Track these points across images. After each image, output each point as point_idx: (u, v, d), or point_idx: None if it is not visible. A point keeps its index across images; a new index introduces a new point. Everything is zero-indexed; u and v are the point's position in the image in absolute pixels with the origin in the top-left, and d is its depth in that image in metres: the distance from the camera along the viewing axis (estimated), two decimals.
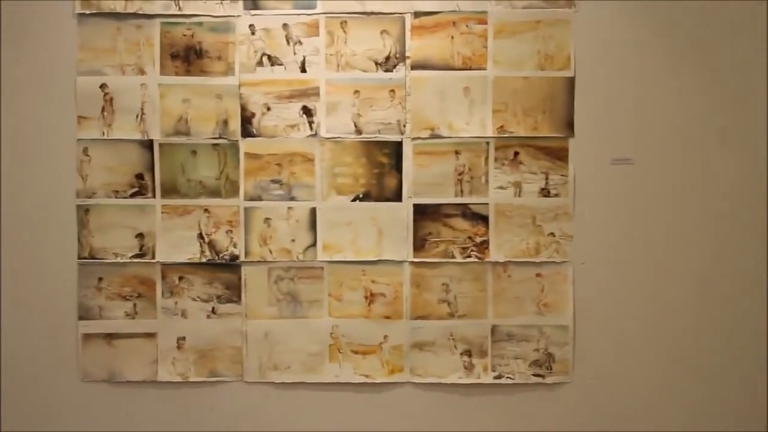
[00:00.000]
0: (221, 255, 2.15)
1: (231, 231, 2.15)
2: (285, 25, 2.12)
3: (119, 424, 2.17)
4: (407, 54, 2.12)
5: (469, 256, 2.14)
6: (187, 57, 2.13)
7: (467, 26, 2.12)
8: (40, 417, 2.17)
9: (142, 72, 2.13)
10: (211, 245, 2.15)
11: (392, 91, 2.13)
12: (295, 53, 2.13)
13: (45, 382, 2.17)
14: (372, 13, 2.12)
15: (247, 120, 2.13)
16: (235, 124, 2.13)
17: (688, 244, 2.14)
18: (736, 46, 2.12)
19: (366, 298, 2.15)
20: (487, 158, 2.13)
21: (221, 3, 2.12)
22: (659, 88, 2.13)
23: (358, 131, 2.13)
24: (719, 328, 2.15)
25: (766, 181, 2.12)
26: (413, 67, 2.12)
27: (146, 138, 2.14)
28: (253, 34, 2.13)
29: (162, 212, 2.15)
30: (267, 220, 2.14)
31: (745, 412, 2.15)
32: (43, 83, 2.13)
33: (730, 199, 2.14)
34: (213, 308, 2.15)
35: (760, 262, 2.14)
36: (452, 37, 2.12)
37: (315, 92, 2.13)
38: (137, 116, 2.13)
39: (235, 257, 2.15)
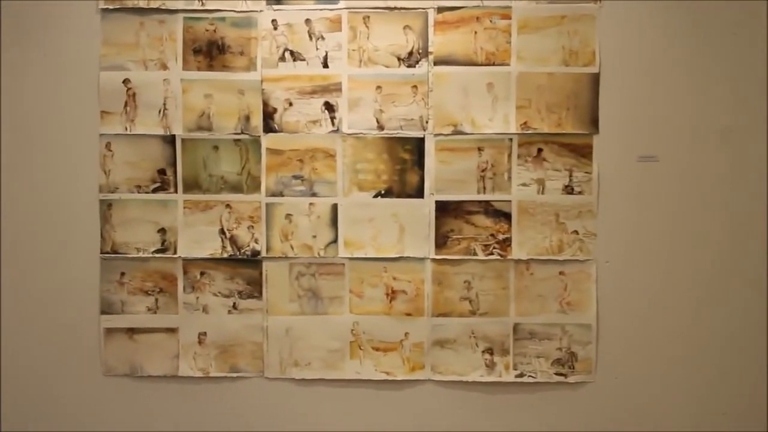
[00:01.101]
0: (243, 250, 2.15)
1: (252, 226, 2.14)
2: (307, 21, 2.11)
3: (140, 418, 2.18)
4: (430, 49, 2.10)
5: (492, 254, 2.12)
6: (210, 52, 2.13)
7: (491, 21, 2.10)
8: (62, 410, 2.19)
9: (164, 67, 2.13)
10: (233, 241, 2.15)
11: (415, 86, 2.11)
12: (317, 48, 2.12)
13: (67, 376, 2.18)
14: (395, 8, 2.10)
15: (269, 115, 2.13)
16: (257, 120, 2.13)
17: (714, 243, 2.11)
18: None
19: (387, 295, 2.14)
20: (510, 155, 2.11)
21: None
22: (685, 84, 2.10)
23: (380, 127, 2.12)
24: (747, 328, 2.11)
25: None
26: (436, 63, 2.10)
27: (168, 133, 2.14)
28: (275, 29, 2.12)
29: (184, 207, 2.15)
30: (288, 215, 2.14)
31: None
32: (66, 78, 2.14)
33: (759, 197, 2.10)
34: (234, 304, 2.15)
35: None
36: (476, 33, 2.10)
37: (337, 88, 2.12)
38: (160, 111, 2.14)
39: (256, 253, 2.14)
